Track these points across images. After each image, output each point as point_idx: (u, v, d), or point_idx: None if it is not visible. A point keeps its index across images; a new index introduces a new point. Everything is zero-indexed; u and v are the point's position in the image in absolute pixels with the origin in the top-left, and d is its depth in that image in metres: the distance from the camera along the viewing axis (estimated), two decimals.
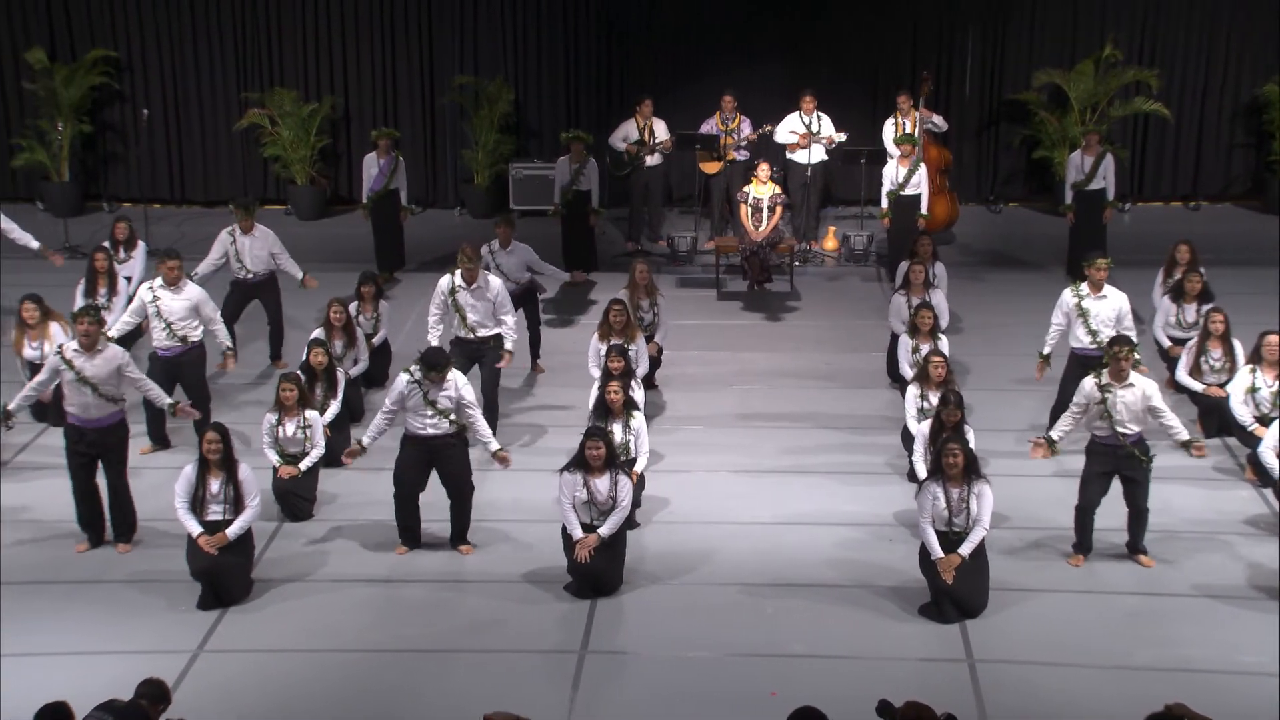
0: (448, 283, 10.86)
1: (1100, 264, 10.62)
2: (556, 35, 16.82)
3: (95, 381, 9.20)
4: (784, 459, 10.78)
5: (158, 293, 10.65)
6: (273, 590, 8.90)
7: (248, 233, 12.25)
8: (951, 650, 8.28)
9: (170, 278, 10.67)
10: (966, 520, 8.50)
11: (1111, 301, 10.61)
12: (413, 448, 9.29)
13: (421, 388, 9.17)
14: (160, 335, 10.63)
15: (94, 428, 9.25)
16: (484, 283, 10.85)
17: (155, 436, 10.87)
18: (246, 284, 12.30)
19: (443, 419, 9.20)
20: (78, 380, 9.18)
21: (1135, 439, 9.04)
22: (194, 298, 10.72)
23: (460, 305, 10.80)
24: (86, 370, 9.20)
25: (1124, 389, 9.02)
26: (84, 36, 16.62)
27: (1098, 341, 10.48)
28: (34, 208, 16.65)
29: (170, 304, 10.64)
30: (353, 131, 16.97)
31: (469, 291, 10.80)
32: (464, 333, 10.80)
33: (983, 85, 16.87)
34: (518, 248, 12.34)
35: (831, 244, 15.52)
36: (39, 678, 7.66)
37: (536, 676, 8.03)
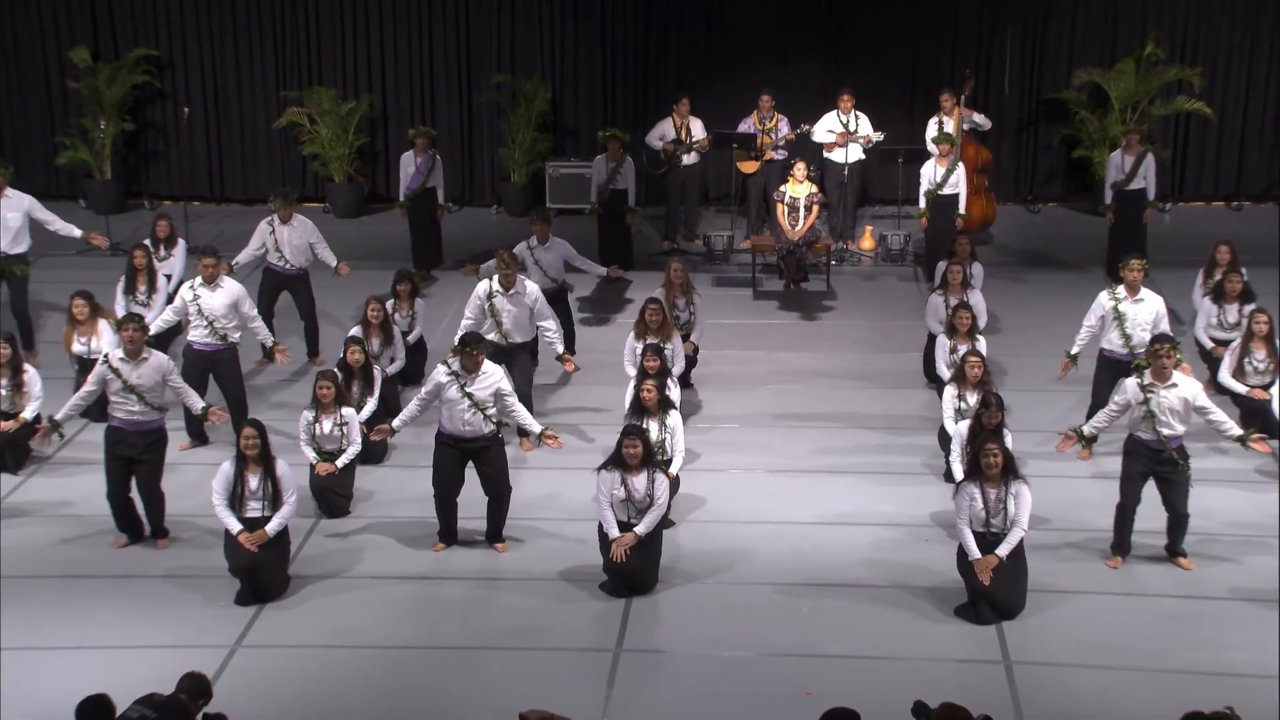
0: (485, 288, 10.86)
1: (1135, 265, 10.49)
2: (594, 34, 16.84)
3: (141, 390, 9.27)
4: (820, 459, 10.75)
5: (198, 290, 10.69)
6: (309, 587, 8.95)
7: (286, 222, 12.31)
8: (988, 651, 8.24)
9: (207, 275, 10.71)
10: (1004, 521, 8.46)
11: (1148, 305, 10.49)
12: (449, 448, 9.31)
13: (459, 379, 9.17)
14: (201, 333, 10.69)
15: (135, 431, 9.32)
16: (521, 288, 10.86)
17: (194, 433, 10.94)
18: (279, 275, 12.36)
19: (480, 414, 9.20)
20: (124, 388, 9.26)
21: (1177, 443, 8.96)
22: (233, 294, 10.77)
23: (497, 310, 10.80)
24: (132, 378, 9.27)
25: (1167, 389, 8.93)
26: (127, 35, 16.75)
27: (1131, 346, 10.37)
28: (76, 205, 16.79)
29: (211, 302, 10.68)
30: (390, 130, 17.04)
31: (506, 297, 10.81)
32: (497, 338, 10.78)
33: (1022, 84, 16.77)
34: (555, 243, 12.36)
35: (868, 243, 15.46)
36: (79, 671, 7.74)
37: (572, 675, 8.04)
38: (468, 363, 9.19)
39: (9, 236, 12.28)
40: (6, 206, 12.26)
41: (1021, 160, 17.08)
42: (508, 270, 10.79)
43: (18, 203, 12.36)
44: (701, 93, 16.10)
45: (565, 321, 12.40)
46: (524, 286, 10.90)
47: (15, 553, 9.32)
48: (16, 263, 12.31)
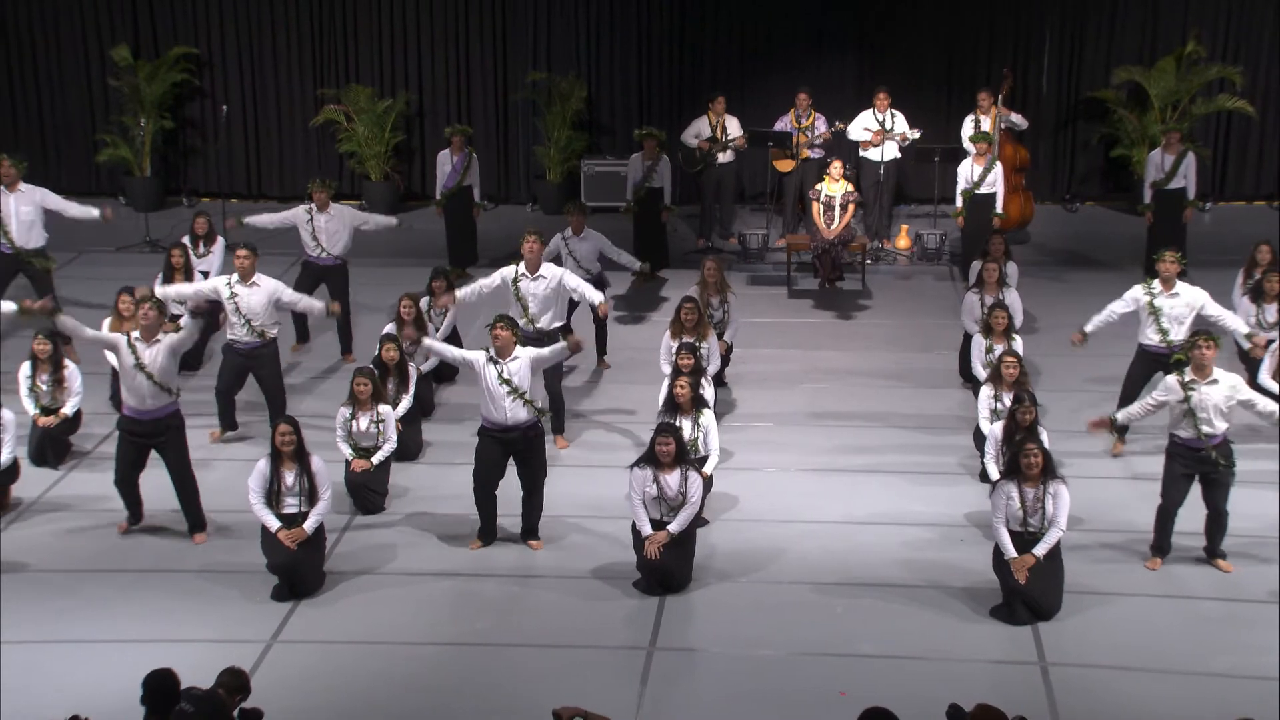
0: (510, 272, 10.86)
1: (1169, 258, 10.38)
2: (630, 32, 16.84)
3: (151, 370, 9.29)
4: (854, 458, 10.72)
5: (235, 289, 10.65)
6: (345, 583, 8.99)
7: (323, 210, 12.32)
8: (1024, 653, 8.19)
9: (243, 269, 10.65)
10: (1041, 521, 8.41)
11: (1184, 298, 10.40)
12: (491, 440, 9.31)
13: (496, 365, 9.18)
14: (239, 331, 10.68)
15: (149, 419, 9.35)
16: (546, 271, 10.86)
17: (226, 423, 10.95)
18: (317, 266, 12.39)
19: (519, 400, 9.20)
20: (135, 366, 9.28)
21: (1219, 441, 8.88)
22: (270, 290, 10.74)
23: (522, 294, 10.78)
24: (145, 357, 9.30)
25: (1208, 385, 8.84)
26: (167, 34, 16.87)
27: (1168, 341, 10.29)
28: (116, 202, 16.93)
29: (249, 300, 10.63)
30: (426, 128, 17.09)
31: (532, 280, 10.80)
32: (524, 323, 10.74)
33: (1060, 82, 16.66)
34: (590, 234, 12.39)
35: (904, 242, 15.40)
36: (119, 663, 7.80)
37: (605, 672, 8.04)
38: (499, 344, 9.16)
39: (24, 230, 12.36)
40: (20, 201, 12.36)
41: (1059, 159, 16.96)
42: (532, 246, 10.73)
43: (30, 196, 12.45)
44: (737, 91, 16.09)
45: (599, 321, 12.38)
46: (548, 269, 10.89)
47: (56, 546, 9.42)
48: (34, 256, 12.40)
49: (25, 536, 9.53)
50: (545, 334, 10.82)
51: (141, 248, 15.26)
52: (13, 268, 12.35)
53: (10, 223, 12.22)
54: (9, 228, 12.22)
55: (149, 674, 6.33)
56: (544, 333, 10.81)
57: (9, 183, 12.25)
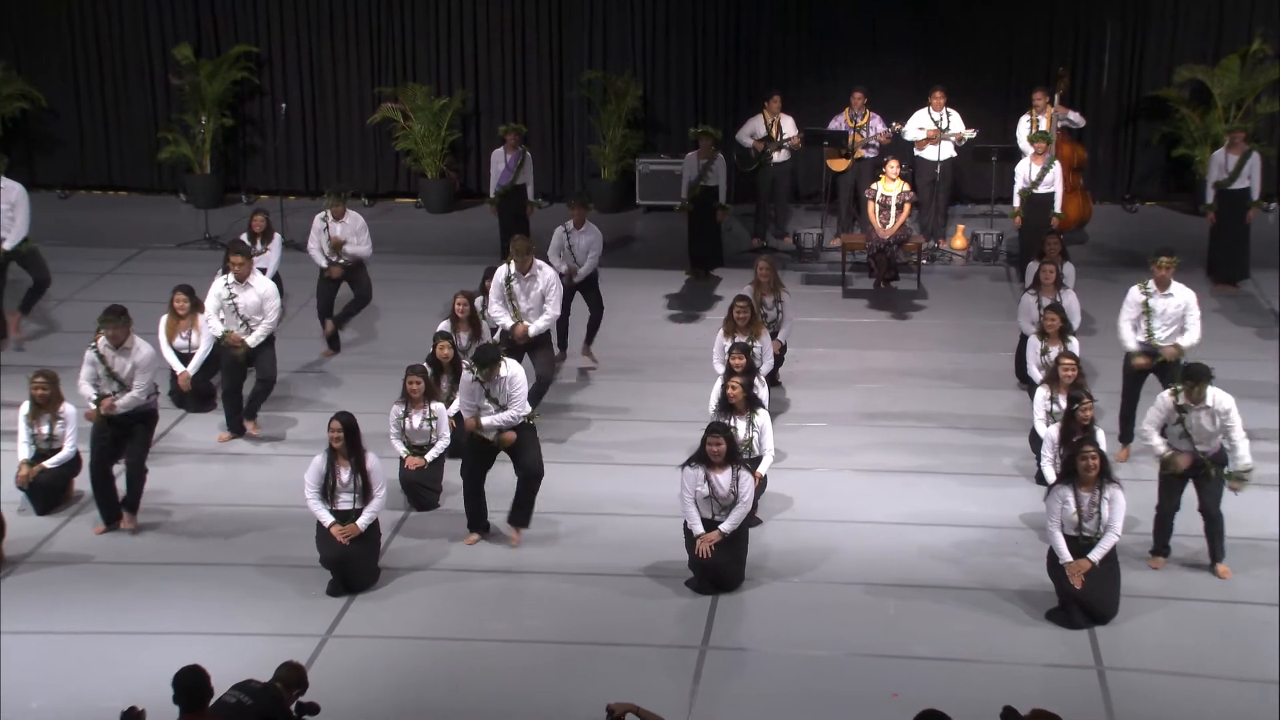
0: (504, 273, 10.95)
1: (1165, 262, 10.42)
2: (685, 30, 16.83)
3: (122, 379, 9.46)
4: (908, 459, 10.67)
5: (233, 289, 10.85)
6: (399, 579, 9.05)
7: (339, 219, 12.47)
8: (1080, 657, 8.12)
9: (239, 273, 10.84)
10: (1097, 525, 8.33)
11: (1177, 299, 10.40)
12: (476, 440, 9.38)
13: (483, 386, 9.25)
14: (237, 327, 10.85)
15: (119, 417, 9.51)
16: (536, 272, 10.92)
17: (232, 426, 11.06)
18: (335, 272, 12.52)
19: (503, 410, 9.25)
20: (107, 375, 9.47)
21: (1212, 454, 8.89)
22: (264, 293, 10.90)
23: (514, 294, 10.89)
24: (114, 366, 9.48)
25: (1199, 409, 8.82)
26: (228, 32, 17.05)
27: (1154, 342, 10.33)
28: (177, 200, 17.15)
29: (245, 300, 10.84)
30: (482, 126, 17.16)
31: (521, 280, 10.87)
32: (515, 320, 10.90)
33: (1121, 81, 16.48)
34: (590, 229, 12.49)
35: (960, 242, 15.30)
36: (177, 656, 7.83)
37: (657, 670, 8.05)
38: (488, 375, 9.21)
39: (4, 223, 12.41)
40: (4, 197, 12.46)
41: (1119, 158, 16.78)
42: (523, 255, 10.86)
43: (8, 195, 12.47)
44: (793, 89, 16.04)
45: (595, 308, 12.41)
46: (538, 270, 10.96)
47: (113, 539, 9.55)
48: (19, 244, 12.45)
49: (86, 529, 9.67)
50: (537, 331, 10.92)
51: (201, 244, 15.42)
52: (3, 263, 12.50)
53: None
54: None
55: (178, 672, 6.37)
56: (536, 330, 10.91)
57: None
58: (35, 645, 8.27)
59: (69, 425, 9.91)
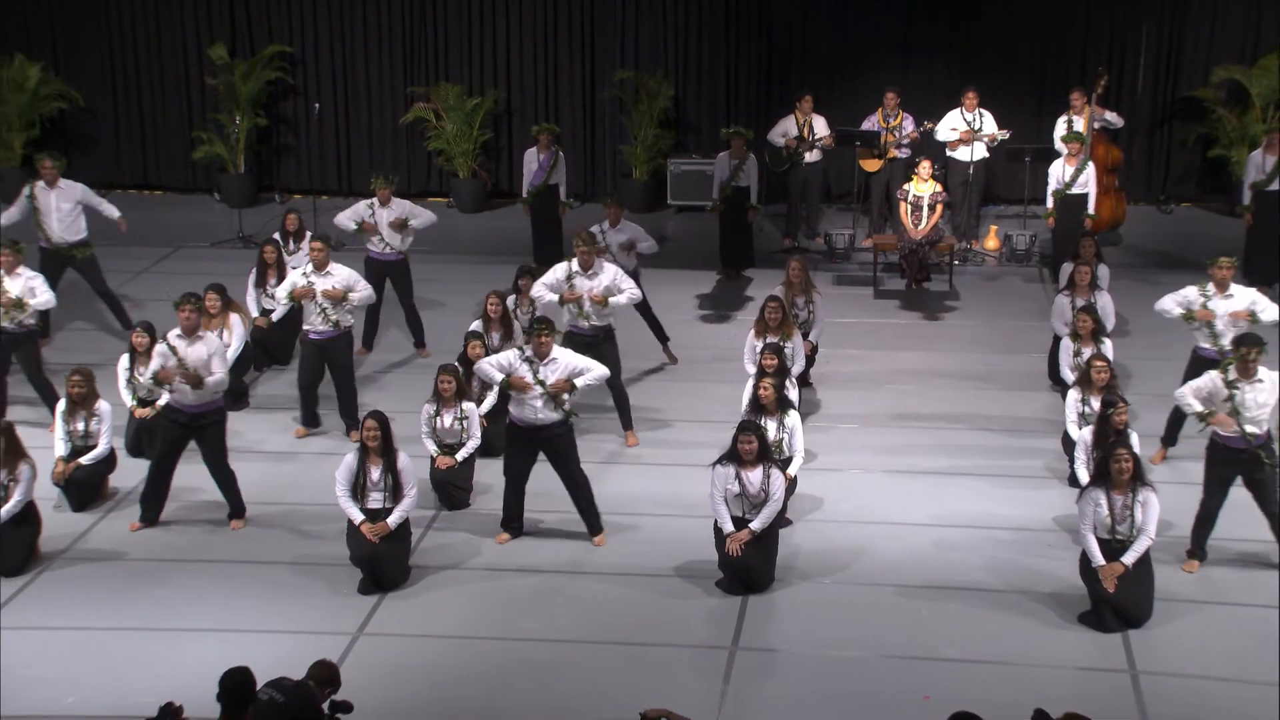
0: (564, 269, 10.87)
1: (1224, 263, 10.37)
2: (717, 30, 16.82)
3: (193, 367, 9.45)
4: (939, 460, 10.63)
5: (311, 278, 10.79)
6: (429, 577, 9.08)
7: (385, 205, 12.47)
8: (1113, 660, 8.07)
9: (317, 260, 10.80)
10: (1130, 529, 8.28)
11: (1238, 300, 10.30)
12: (519, 436, 9.37)
13: (531, 366, 9.23)
14: (315, 320, 10.81)
15: (189, 412, 9.53)
16: (599, 269, 10.86)
17: (308, 420, 11.10)
18: (379, 263, 12.50)
19: (550, 401, 9.24)
20: (179, 367, 9.46)
21: (1263, 440, 8.77)
22: (344, 280, 10.85)
23: (578, 293, 10.78)
24: (188, 357, 9.47)
25: (1252, 385, 8.74)
26: (262, 32, 17.14)
27: (1219, 346, 10.19)
28: (211, 199, 17.26)
29: (324, 288, 10.74)
30: (514, 126, 17.20)
31: (585, 277, 10.82)
32: (580, 321, 10.80)
33: (1156, 81, 16.37)
34: (626, 226, 12.49)
35: (993, 243, 15.24)
36: (210, 652, 7.94)
37: (687, 671, 8.05)
38: (538, 347, 9.21)
39: (65, 225, 12.59)
40: (60, 197, 12.61)
41: (1154, 159, 16.67)
42: (586, 250, 10.78)
43: (70, 193, 12.67)
44: (825, 90, 16.01)
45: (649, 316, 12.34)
46: (601, 267, 10.90)
47: (148, 536, 9.62)
48: (76, 248, 12.65)
49: (121, 526, 9.75)
50: (599, 330, 10.85)
51: (235, 243, 15.52)
52: (57, 262, 12.63)
53: (50, 218, 12.52)
54: (48, 223, 12.51)
55: (225, 672, 6.42)
56: (598, 329, 10.84)
57: (50, 180, 12.56)
58: (70, 641, 8.34)
59: (104, 422, 9.99)
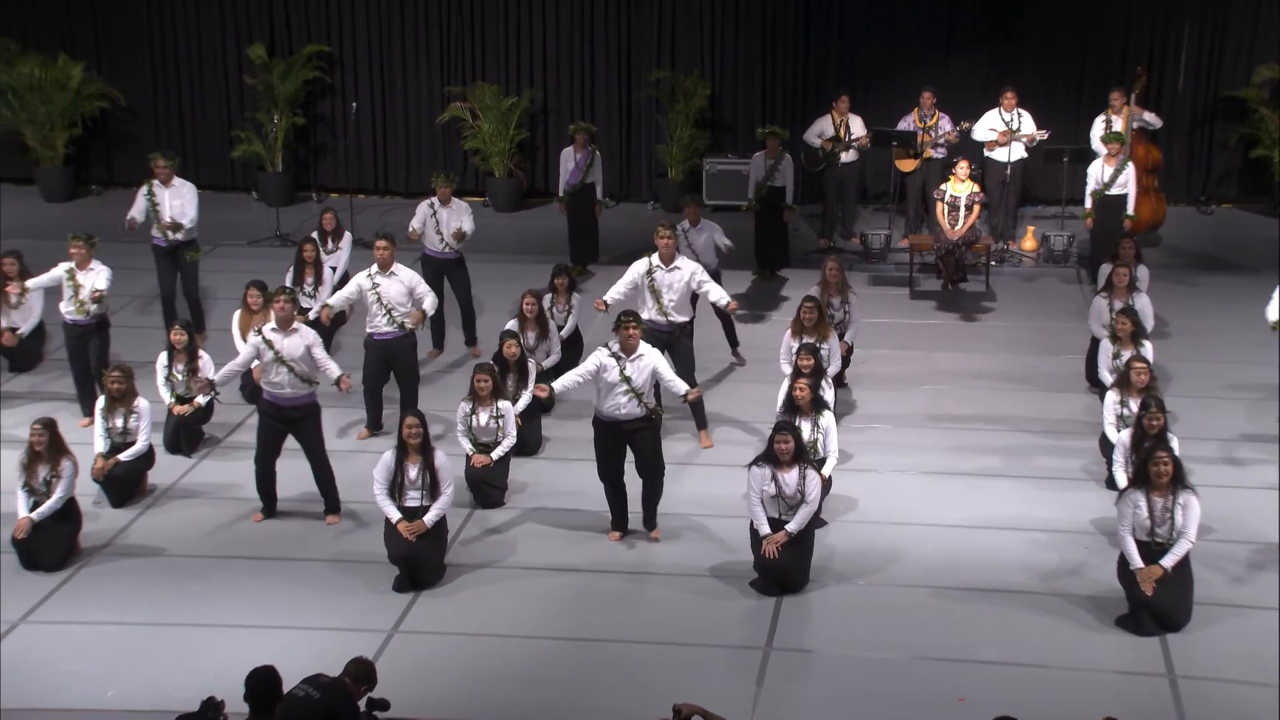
0: (644, 265, 10.85)
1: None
2: (754, 30, 16.80)
3: (290, 361, 9.54)
4: (976, 461, 10.58)
5: (376, 279, 10.79)
6: (464, 576, 9.11)
7: (445, 204, 12.47)
8: (1151, 664, 8.01)
9: (382, 259, 10.77)
10: (1169, 532, 8.22)
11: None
12: (606, 433, 9.38)
13: (619, 362, 9.24)
14: (380, 321, 10.79)
15: (285, 404, 9.61)
16: (681, 264, 10.83)
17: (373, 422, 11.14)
18: (437, 261, 12.50)
19: (634, 398, 9.24)
20: (275, 360, 9.54)
21: None
22: (408, 281, 10.85)
23: (657, 287, 10.77)
24: (284, 350, 9.55)
25: None
26: (300, 32, 17.24)
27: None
28: (249, 197, 17.37)
29: (388, 289, 10.76)
30: (550, 125, 17.23)
31: (667, 272, 10.79)
32: (658, 316, 10.75)
33: (1198, 81, 16.23)
34: (706, 225, 12.48)
35: (1030, 244, 15.15)
36: (246, 648, 8.00)
37: (721, 671, 8.05)
38: (625, 340, 9.22)
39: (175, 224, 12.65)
40: (172, 195, 12.69)
41: (1195, 160, 16.54)
42: (669, 237, 10.73)
43: (180, 191, 12.75)
44: (862, 89, 15.96)
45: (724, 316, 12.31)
46: (683, 262, 10.88)
47: (187, 532, 9.69)
48: (186, 249, 12.75)
49: (160, 522, 9.83)
50: (677, 326, 10.80)
51: (272, 242, 15.61)
52: (173, 261, 12.73)
53: (165, 216, 12.59)
54: (165, 221, 12.60)
55: (250, 672, 6.45)
56: (675, 325, 10.79)
57: (164, 178, 12.63)
58: (110, 635, 8.42)
59: (143, 419, 10.08)
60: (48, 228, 15.42)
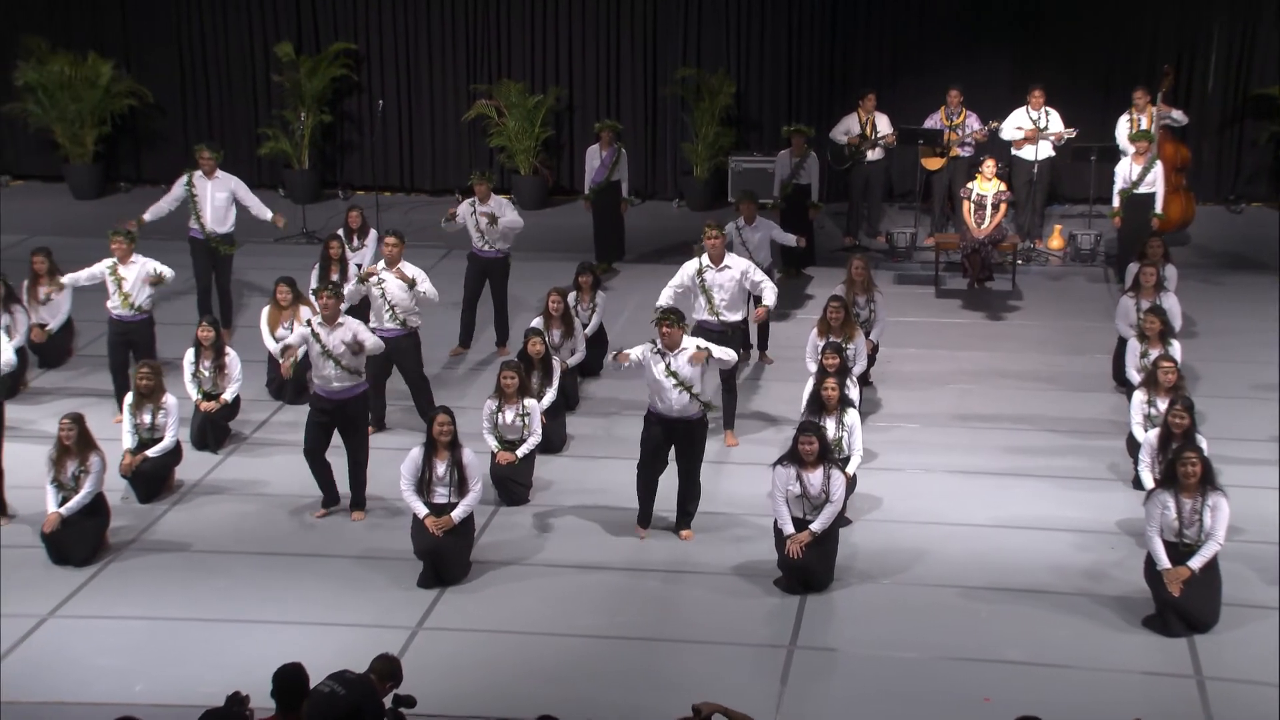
0: (694, 265, 10.76)
1: None
2: (780, 28, 16.78)
3: (336, 354, 9.59)
4: (1002, 460, 10.54)
5: (382, 276, 10.80)
6: (489, 573, 9.12)
7: (485, 201, 12.47)
8: (1178, 665, 7.97)
9: (390, 256, 10.78)
10: (1198, 533, 8.17)
11: None
12: (657, 427, 9.34)
13: (663, 358, 9.23)
14: (384, 318, 10.79)
15: (334, 399, 9.66)
16: (731, 263, 10.75)
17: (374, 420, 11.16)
18: (482, 260, 12.50)
19: (685, 392, 9.23)
20: (322, 353, 9.60)
21: None
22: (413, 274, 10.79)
23: (708, 287, 10.67)
24: (330, 344, 9.60)
25: None
26: (328, 30, 17.31)
27: None
28: (276, 194, 17.43)
29: (393, 286, 10.75)
30: (576, 123, 17.25)
31: (717, 271, 10.74)
32: (709, 315, 10.67)
33: (1227, 79, 16.13)
34: (761, 223, 12.45)
35: (1057, 243, 15.09)
36: (271, 644, 8.04)
37: (745, 669, 8.04)
38: (665, 338, 9.22)
39: (218, 216, 12.77)
40: (215, 187, 12.77)
41: (1224, 158, 16.44)
42: (717, 236, 10.66)
43: (225, 184, 12.84)
44: (888, 87, 15.92)
45: None
46: (733, 260, 10.78)
47: (213, 528, 9.73)
48: (223, 242, 12.82)
49: (187, 518, 9.88)
50: (729, 325, 10.73)
51: (298, 239, 15.67)
52: (206, 253, 12.79)
53: (205, 208, 12.67)
54: (204, 213, 12.67)
55: (278, 670, 6.46)
56: (727, 324, 10.71)
57: (208, 170, 12.70)
58: (138, 630, 8.47)
59: (170, 415, 10.13)
60: (77, 225, 15.54)
